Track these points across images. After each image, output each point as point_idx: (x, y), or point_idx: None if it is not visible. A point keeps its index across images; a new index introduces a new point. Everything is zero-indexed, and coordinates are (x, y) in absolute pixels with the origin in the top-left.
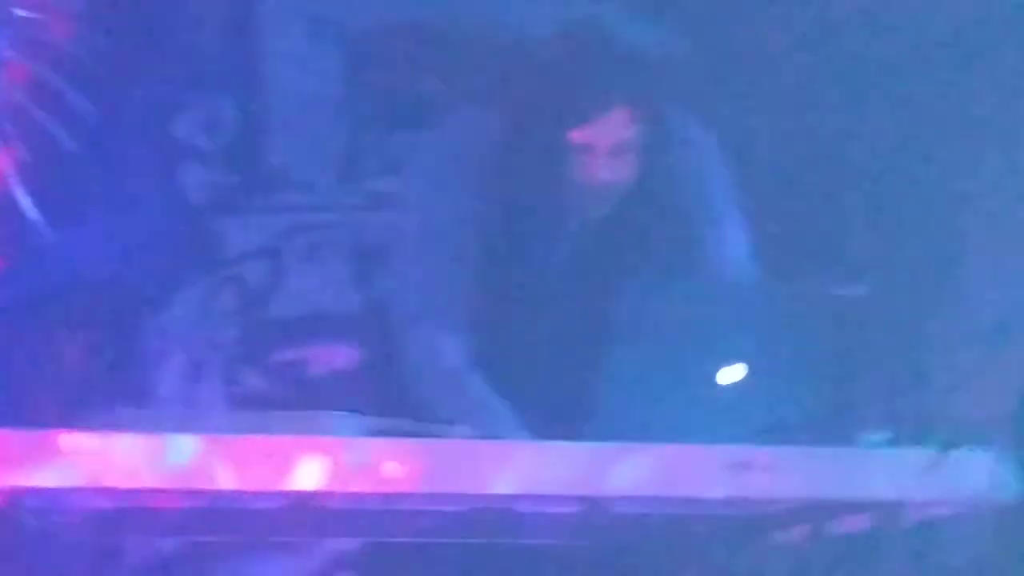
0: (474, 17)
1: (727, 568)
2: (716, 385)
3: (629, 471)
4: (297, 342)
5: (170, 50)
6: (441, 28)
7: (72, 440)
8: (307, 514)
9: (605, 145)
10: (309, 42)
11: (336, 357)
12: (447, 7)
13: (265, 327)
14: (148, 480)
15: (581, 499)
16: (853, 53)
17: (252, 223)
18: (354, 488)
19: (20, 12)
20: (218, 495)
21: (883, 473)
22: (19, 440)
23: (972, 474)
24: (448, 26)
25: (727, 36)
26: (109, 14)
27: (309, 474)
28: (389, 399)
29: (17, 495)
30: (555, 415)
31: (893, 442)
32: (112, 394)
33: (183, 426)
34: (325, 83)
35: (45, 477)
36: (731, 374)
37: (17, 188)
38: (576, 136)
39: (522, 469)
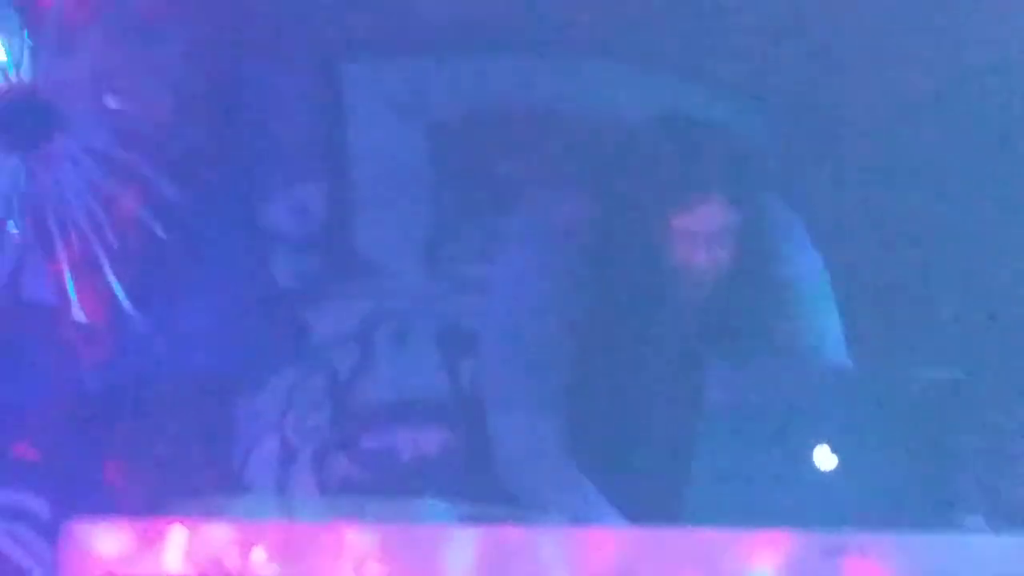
0: (566, 102)
1: None
2: (811, 469)
3: (723, 556)
4: (386, 427)
5: (257, 138)
6: (528, 112)
7: (166, 528)
8: None
9: (703, 231)
10: (397, 128)
11: (426, 443)
12: (534, 91)
13: (355, 413)
14: (242, 569)
15: None
16: (947, 134)
17: (341, 309)
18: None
19: (111, 103)
20: None
21: (980, 558)
22: (115, 529)
23: None
24: (536, 110)
25: (823, 120)
26: (198, 103)
27: (403, 562)
28: (480, 485)
29: None
30: (649, 500)
31: (991, 526)
32: (204, 482)
33: (275, 513)
34: (412, 169)
35: (140, 566)
36: (826, 458)
37: (110, 277)
38: (675, 222)
39: (616, 556)
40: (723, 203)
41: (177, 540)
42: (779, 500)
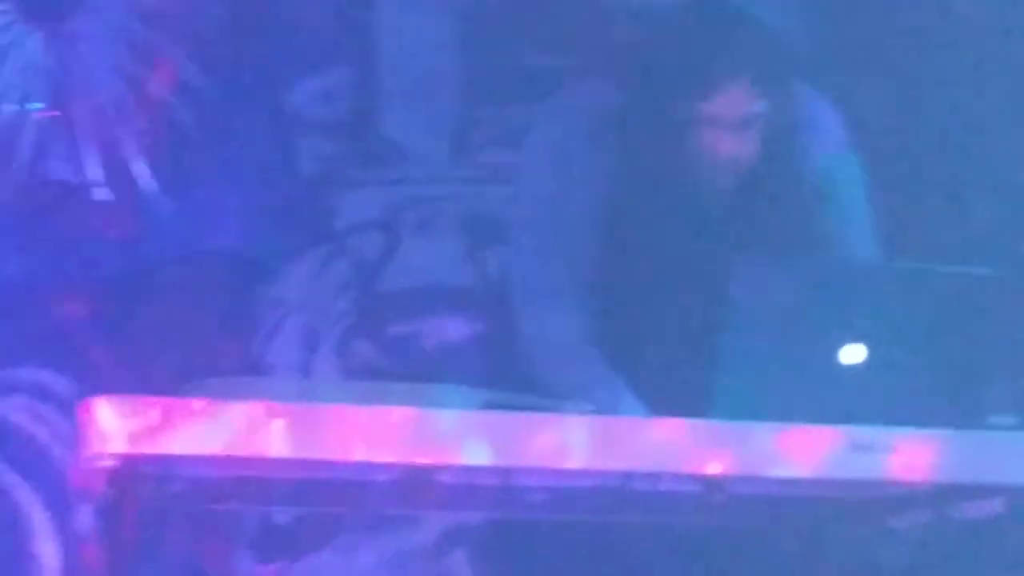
0: None
1: (849, 551)
2: (840, 366)
3: (750, 450)
4: (411, 314)
5: (285, 23)
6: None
7: (187, 407)
8: (422, 487)
9: (730, 118)
10: (424, 13)
11: (450, 330)
12: None
13: (379, 299)
14: (262, 449)
15: (699, 478)
16: (983, 30)
17: (366, 195)
18: (468, 462)
19: None
20: (332, 466)
21: (1012, 456)
22: (135, 407)
23: None
24: None
25: (854, 16)
26: None
27: (423, 447)
28: (504, 373)
29: (133, 462)
30: (674, 393)
31: (1022, 424)
32: (226, 363)
33: (297, 396)
34: (440, 54)
35: (161, 444)
36: (855, 354)
37: (135, 160)
38: (700, 108)
39: (639, 446)
40: (750, 89)
41: (198, 419)
42: (808, 395)
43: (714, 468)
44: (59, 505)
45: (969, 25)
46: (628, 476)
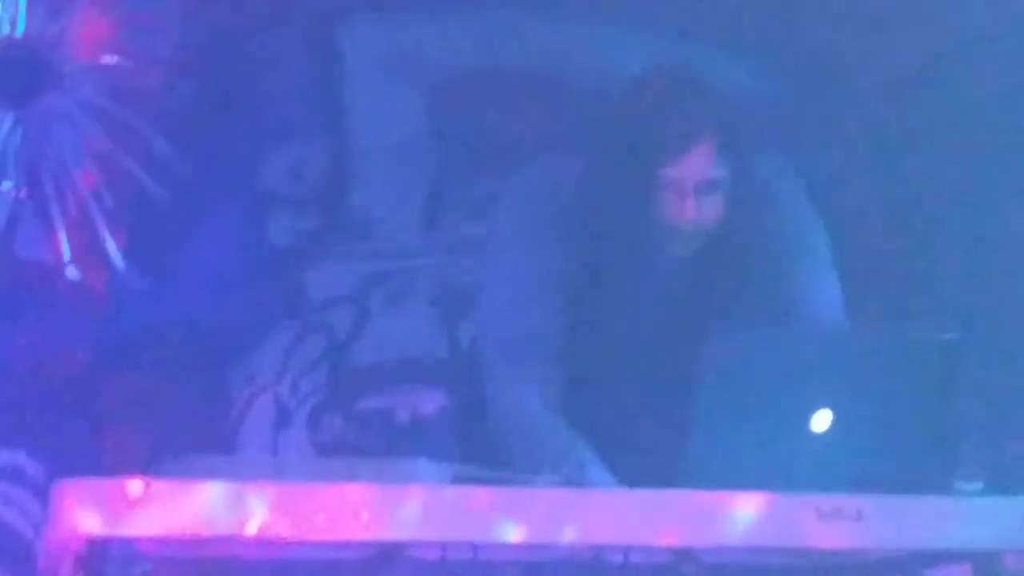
0: (558, 58)
1: None
2: (807, 432)
3: (719, 520)
4: (382, 388)
5: (255, 97)
6: (525, 71)
7: (155, 488)
8: (392, 564)
9: (692, 183)
10: (393, 87)
11: (421, 403)
12: (531, 50)
13: (350, 374)
14: (231, 529)
15: (670, 549)
16: (948, 94)
17: (338, 269)
18: (439, 537)
19: (108, 60)
20: (303, 545)
21: (978, 522)
22: (103, 488)
23: None
24: (533, 69)
25: (817, 79)
26: (195, 62)
27: (394, 522)
28: (476, 446)
29: (103, 544)
30: (643, 462)
31: (989, 490)
32: (197, 441)
33: (267, 474)
34: (409, 128)
35: (128, 525)
36: (822, 421)
37: (106, 238)
38: (662, 173)
39: (611, 518)
40: (712, 154)
41: (169, 500)
42: (775, 463)
43: (684, 538)
44: None
45: (935, 87)
46: (599, 548)
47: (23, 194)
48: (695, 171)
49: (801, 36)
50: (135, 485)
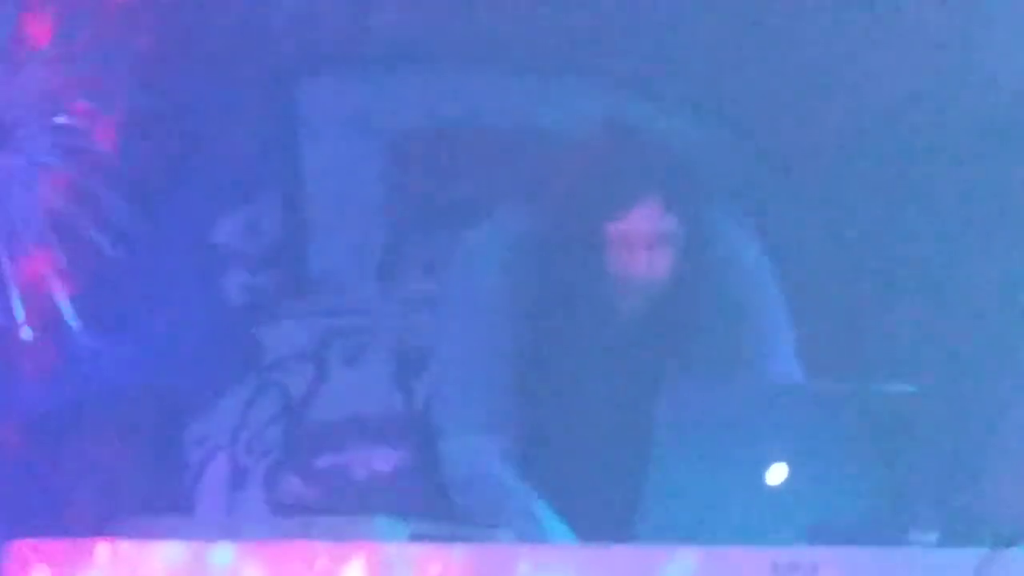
0: (511, 115)
1: None
2: (763, 486)
3: (676, 573)
4: (339, 446)
5: (209, 155)
6: (478, 127)
7: (112, 549)
8: None
9: (641, 237)
10: (348, 145)
11: (378, 461)
12: (483, 107)
13: (306, 431)
14: None
15: None
16: (903, 143)
17: (293, 327)
18: None
19: (61, 119)
20: None
21: (933, 573)
22: (59, 549)
23: None
24: (485, 125)
25: (764, 131)
26: (149, 121)
27: None
28: (432, 503)
29: None
30: (599, 517)
31: (944, 541)
32: (152, 502)
33: (224, 533)
34: (363, 186)
35: None
36: (778, 474)
37: (58, 294)
38: (611, 228)
39: (566, 573)
40: (660, 208)
41: (125, 560)
42: (730, 516)
43: None
44: None
45: (890, 137)
46: None
47: None
48: (644, 225)
49: (752, 87)
50: (90, 545)
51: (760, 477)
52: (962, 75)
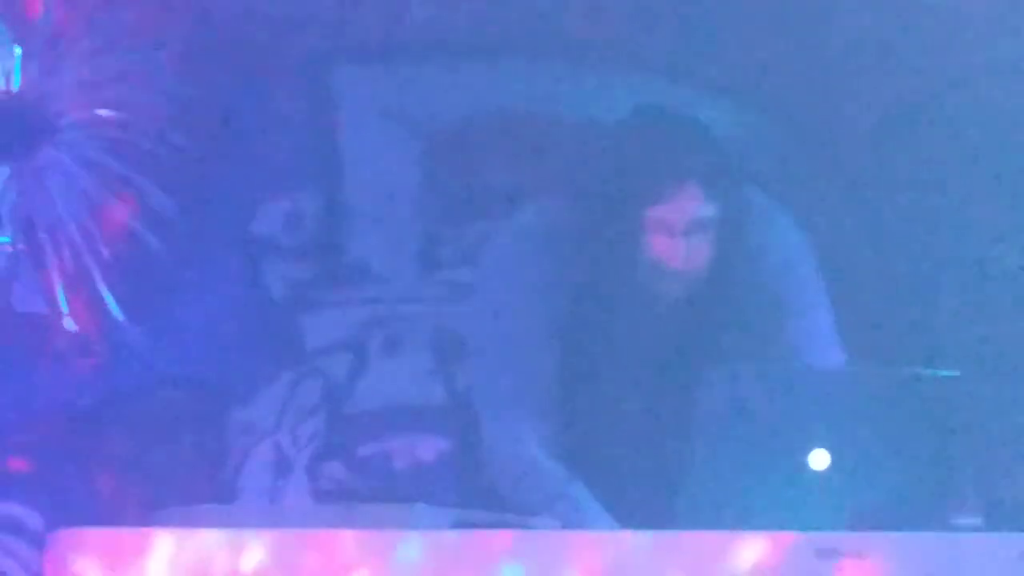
0: (549, 103)
1: None
2: (806, 471)
3: (718, 560)
4: (380, 435)
5: (249, 147)
6: (516, 116)
7: (156, 538)
8: None
9: (679, 223)
10: (384, 136)
11: (420, 449)
12: (522, 96)
13: (348, 420)
14: None
15: None
16: (945, 128)
17: (334, 317)
18: None
19: (103, 113)
20: None
21: (977, 558)
22: (101, 537)
23: None
24: (523, 114)
25: (803, 116)
26: (190, 113)
27: (394, 568)
28: (474, 490)
29: None
30: (640, 503)
31: (988, 526)
32: (196, 491)
33: (267, 522)
34: (401, 176)
35: (126, 575)
36: (820, 460)
37: (103, 290)
38: (649, 215)
39: (607, 559)
40: (698, 194)
41: (168, 549)
42: (773, 502)
43: None
44: None
45: (928, 123)
46: None
47: (20, 248)
48: (683, 211)
49: (789, 74)
50: (134, 534)
51: (803, 463)
52: (1005, 63)
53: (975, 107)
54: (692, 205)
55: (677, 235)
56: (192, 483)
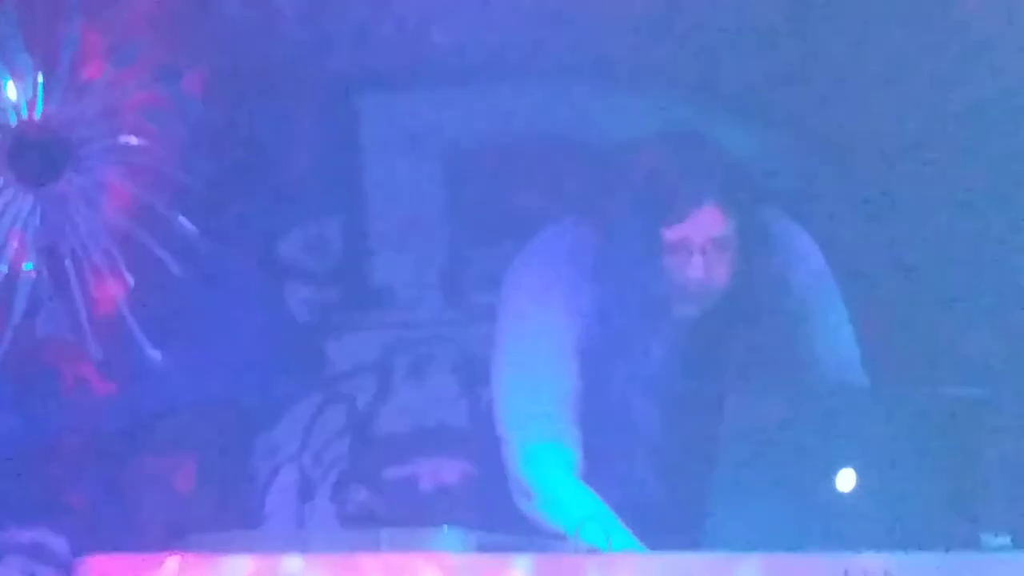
0: (568, 126)
1: None
2: (832, 491)
3: None
4: (406, 457)
5: (273, 172)
6: (536, 139)
7: (182, 562)
8: None
9: (698, 241)
10: (408, 161)
11: (444, 472)
12: (537, 121)
13: (373, 443)
14: None
15: None
16: (966, 148)
17: (358, 340)
18: None
19: (127, 140)
20: None
21: None
22: (128, 563)
23: None
24: (543, 137)
25: (823, 135)
26: (213, 139)
27: None
28: (499, 513)
29: None
30: (665, 525)
31: (1017, 545)
32: (221, 515)
33: (292, 546)
34: (424, 200)
35: None
36: (847, 480)
37: (125, 311)
38: (669, 235)
39: None
40: (717, 212)
41: (193, 574)
42: (799, 523)
43: None
44: None
45: (949, 142)
46: None
47: (44, 274)
48: (702, 230)
49: (810, 93)
50: (161, 559)
51: (829, 483)
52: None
53: (1001, 126)
54: (712, 225)
55: (695, 254)
56: (217, 508)
